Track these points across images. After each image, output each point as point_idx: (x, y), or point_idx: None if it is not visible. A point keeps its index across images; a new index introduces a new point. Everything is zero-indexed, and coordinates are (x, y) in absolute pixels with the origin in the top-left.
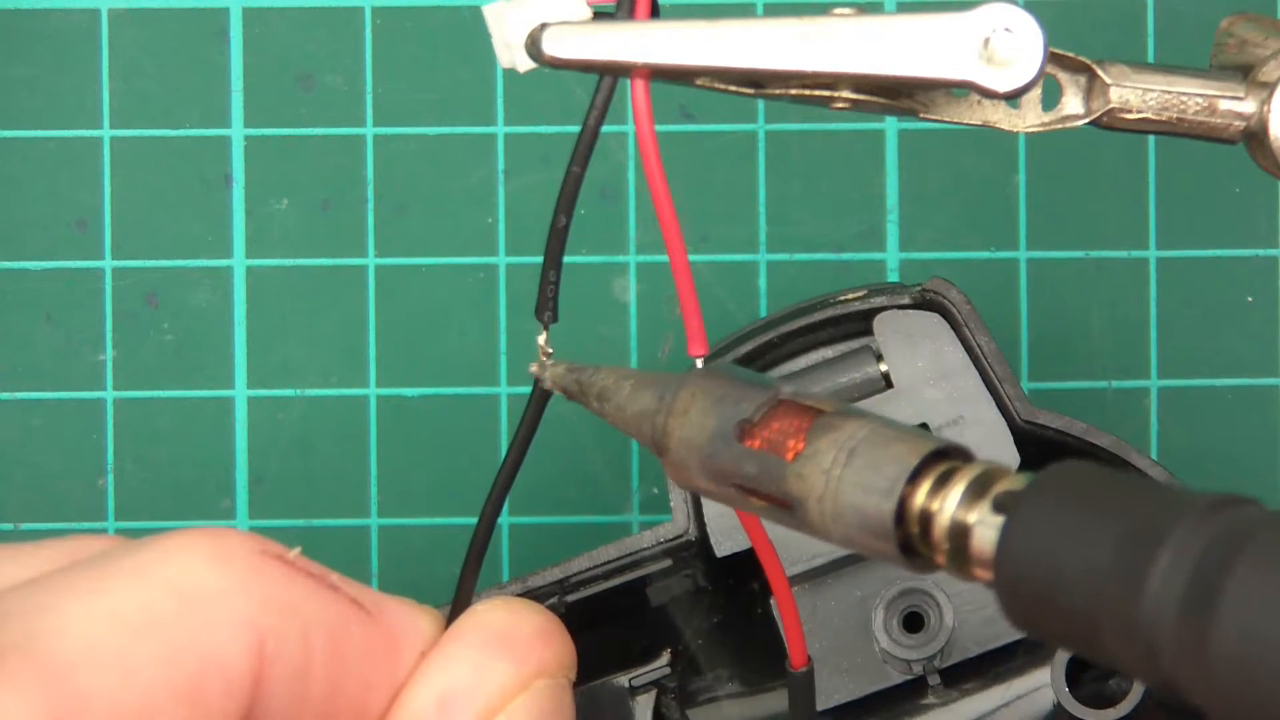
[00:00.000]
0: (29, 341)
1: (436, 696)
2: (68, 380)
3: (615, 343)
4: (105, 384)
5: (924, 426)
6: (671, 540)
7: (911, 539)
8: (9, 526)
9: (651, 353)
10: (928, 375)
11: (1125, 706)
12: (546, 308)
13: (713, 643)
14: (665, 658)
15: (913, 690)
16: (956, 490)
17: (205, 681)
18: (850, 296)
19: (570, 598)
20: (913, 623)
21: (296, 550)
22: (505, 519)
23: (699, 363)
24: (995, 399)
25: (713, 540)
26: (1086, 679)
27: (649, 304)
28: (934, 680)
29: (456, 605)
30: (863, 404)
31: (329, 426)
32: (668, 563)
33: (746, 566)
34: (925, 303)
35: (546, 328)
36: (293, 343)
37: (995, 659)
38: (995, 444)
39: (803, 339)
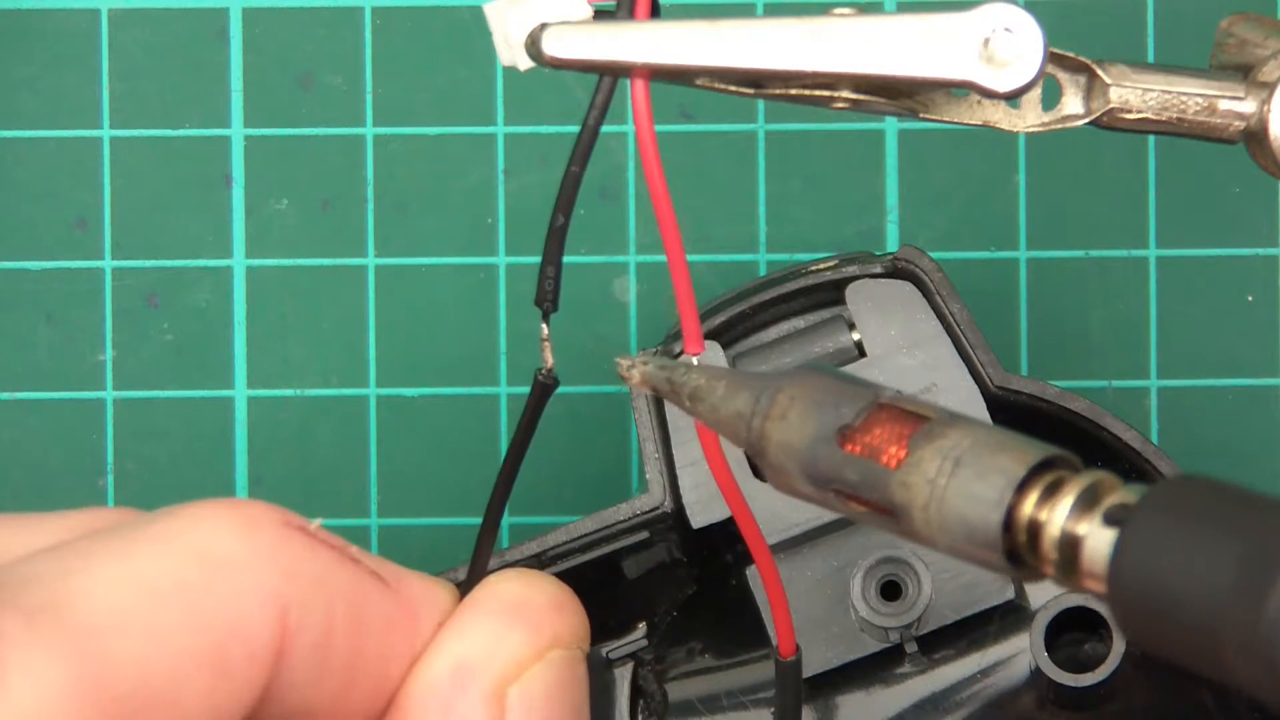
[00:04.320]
0: (29, 341)
1: (452, 665)
2: (68, 380)
3: (615, 342)
4: (105, 384)
5: None
6: (648, 513)
7: (1019, 549)
8: None
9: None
10: (900, 343)
11: (1103, 671)
12: (546, 298)
13: (688, 615)
14: (641, 629)
15: (890, 658)
16: (1066, 501)
17: (230, 650)
18: (821, 266)
19: (548, 571)
20: (890, 591)
21: (318, 522)
22: (505, 519)
23: (695, 360)
24: (968, 366)
25: (689, 512)
26: (1063, 643)
27: (649, 304)
28: (911, 648)
29: (472, 575)
30: None
31: (329, 426)
32: (644, 535)
33: (721, 538)
34: (897, 271)
35: (546, 317)
36: (293, 343)
37: (973, 625)
38: (968, 410)
39: (774, 309)
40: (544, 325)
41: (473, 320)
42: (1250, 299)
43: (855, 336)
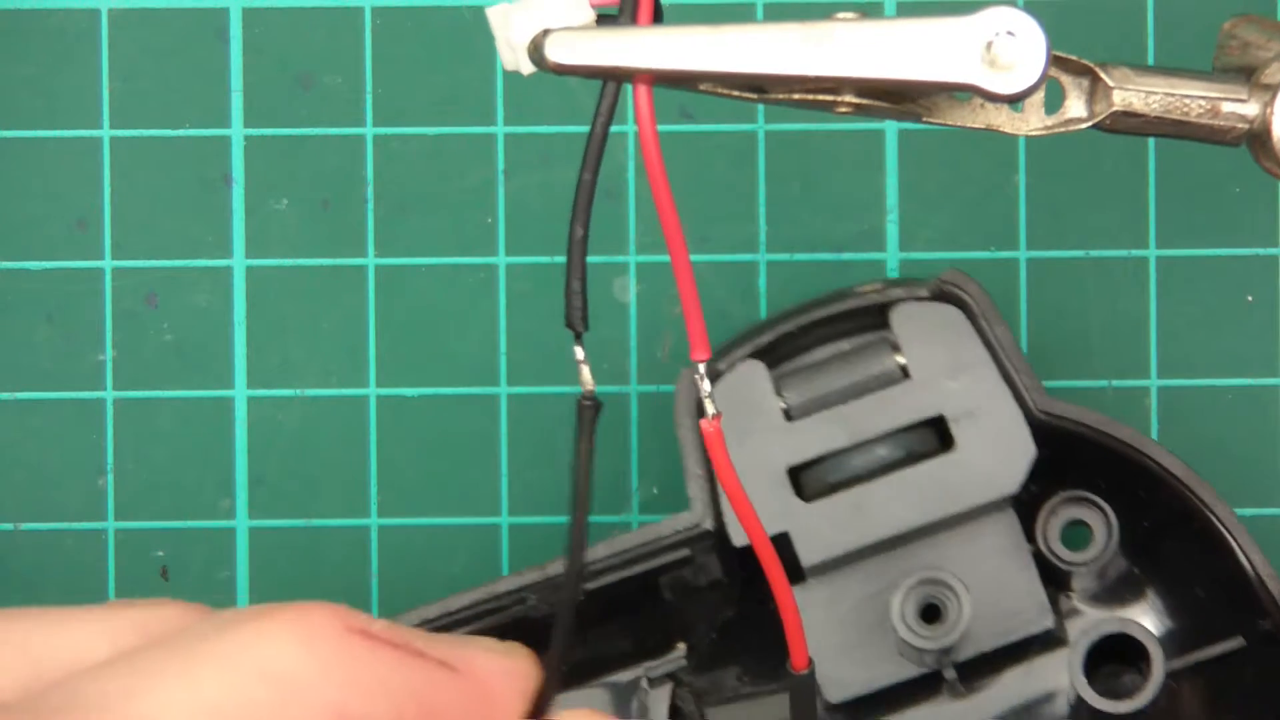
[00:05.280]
0: (29, 341)
1: None
2: (68, 380)
3: (615, 342)
4: (105, 384)
5: (940, 418)
6: (689, 530)
7: None
8: (9, 526)
9: (651, 353)
10: (945, 367)
11: (1142, 699)
12: (577, 317)
13: (727, 637)
14: (681, 650)
15: (928, 685)
16: None
17: None
18: (867, 289)
19: (589, 586)
20: (930, 614)
21: (383, 622)
22: (505, 519)
23: (701, 367)
24: (1012, 390)
25: (730, 531)
26: (1102, 673)
27: (649, 304)
28: (950, 674)
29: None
30: (878, 395)
31: (329, 426)
32: (685, 553)
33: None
34: (942, 295)
35: (579, 338)
36: (293, 343)
37: (1011, 653)
38: (1011, 436)
39: (820, 331)
40: (578, 347)
41: (473, 320)
42: (1250, 299)
43: (900, 359)
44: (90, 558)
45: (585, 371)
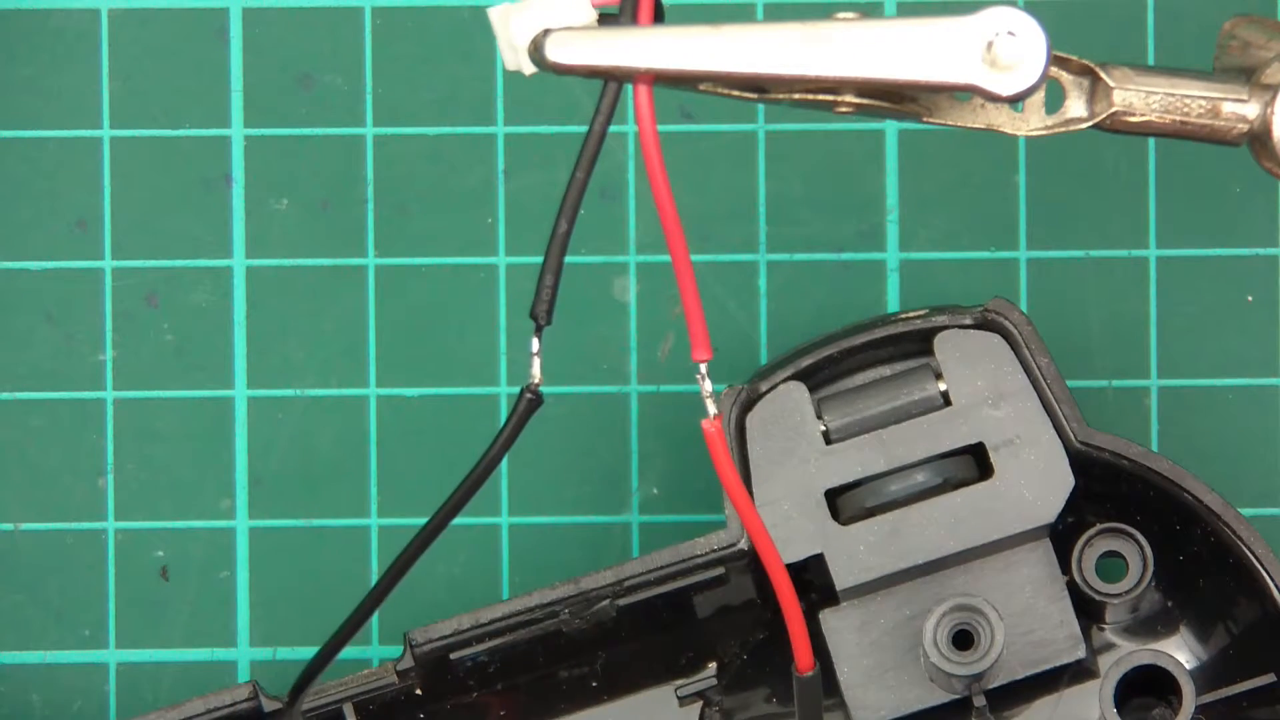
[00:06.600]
0: (29, 341)
1: None
2: (68, 380)
3: (615, 343)
4: (105, 384)
5: (980, 446)
6: (724, 549)
7: None
8: (9, 526)
9: (651, 353)
10: (986, 395)
11: None
12: (542, 310)
13: (759, 659)
14: (712, 669)
15: (958, 710)
16: None
17: None
18: (911, 315)
19: (622, 601)
20: (962, 640)
21: None
22: (505, 519)
23: (704, 367)
24: (1053, 421)
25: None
26: (1132, 705)
27: (649, 304)
28: (980, 701)
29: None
30: (918, 421)
31: (329, 426)
32: (720, 571)
33: (797, 581)
34: (986, 323)
35: (539, 331)
36: (293, 343)
37: (1042, 682)
38: (1051, 466)
39: (862, 355)
40: (535, 339)
41: (473, 320)
42: (1250, 299)
43: (942, 386)
44: (90, 558)
45: (537, 365)
